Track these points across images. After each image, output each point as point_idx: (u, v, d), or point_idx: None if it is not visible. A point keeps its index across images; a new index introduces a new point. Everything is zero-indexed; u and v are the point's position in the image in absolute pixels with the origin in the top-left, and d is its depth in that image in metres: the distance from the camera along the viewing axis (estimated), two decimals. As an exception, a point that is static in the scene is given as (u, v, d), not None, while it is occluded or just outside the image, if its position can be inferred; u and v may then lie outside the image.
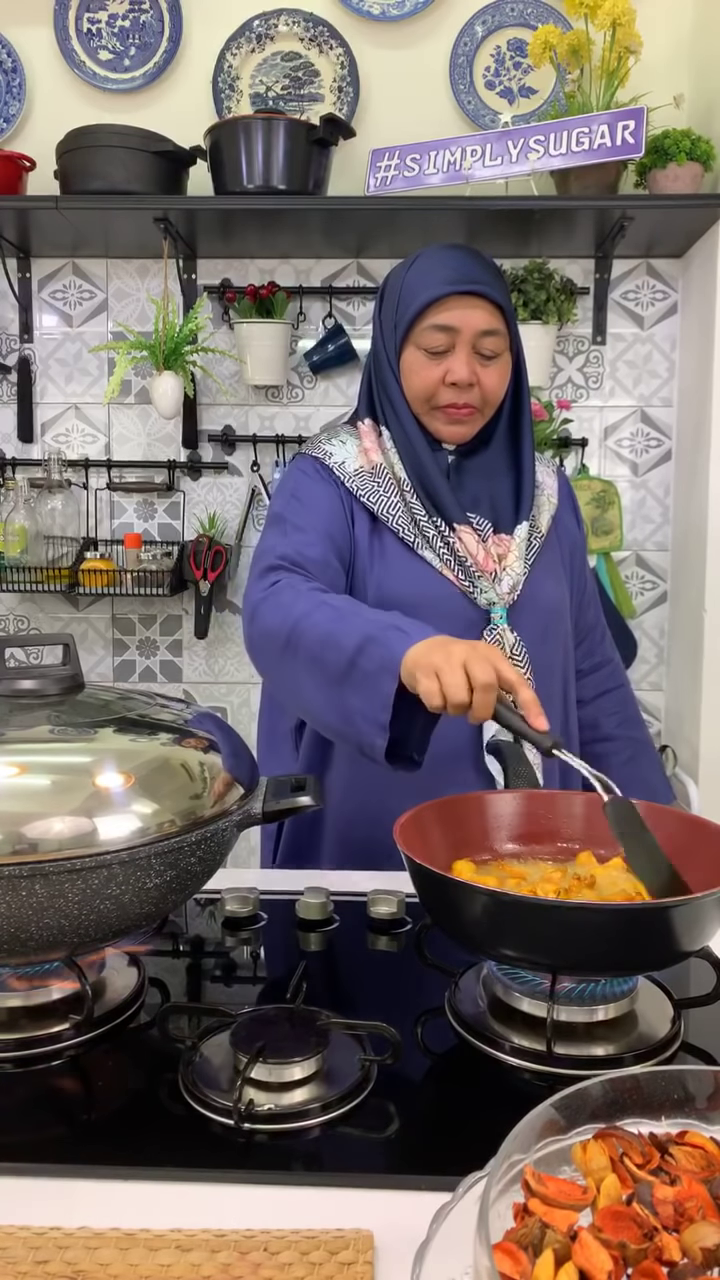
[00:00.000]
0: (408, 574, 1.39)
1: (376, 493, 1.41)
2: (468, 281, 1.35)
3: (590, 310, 2.57)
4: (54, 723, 0.92)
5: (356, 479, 1.42)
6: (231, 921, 1.13)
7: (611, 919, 0.82)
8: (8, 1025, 0.89)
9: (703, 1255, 0.51)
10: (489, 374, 1.39)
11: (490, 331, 1.36)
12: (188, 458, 2.65)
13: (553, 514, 1.50)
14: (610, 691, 1.60)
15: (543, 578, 1.45)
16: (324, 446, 1.47)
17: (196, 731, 0.98)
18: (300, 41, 2.49)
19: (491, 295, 1.36)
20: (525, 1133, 0.56)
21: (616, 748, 1.58)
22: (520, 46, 2.46)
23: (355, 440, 1.47)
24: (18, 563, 2.46)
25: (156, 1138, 0.77)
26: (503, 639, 1.37)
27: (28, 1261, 0.65)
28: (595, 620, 1.60)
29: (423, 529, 1.39)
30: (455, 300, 1.35)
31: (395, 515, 1.40)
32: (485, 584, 1.38)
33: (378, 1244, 0.67)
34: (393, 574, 1.39)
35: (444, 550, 1.38)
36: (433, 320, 1.36)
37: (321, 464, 1.44)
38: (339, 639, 1.14)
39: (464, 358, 1.36)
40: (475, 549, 1.39)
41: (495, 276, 1.39)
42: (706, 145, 2.26)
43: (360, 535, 1.42)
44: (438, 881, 0.88)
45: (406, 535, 1.39)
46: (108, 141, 2.27)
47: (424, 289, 1.37)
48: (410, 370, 1.40)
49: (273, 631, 1.22)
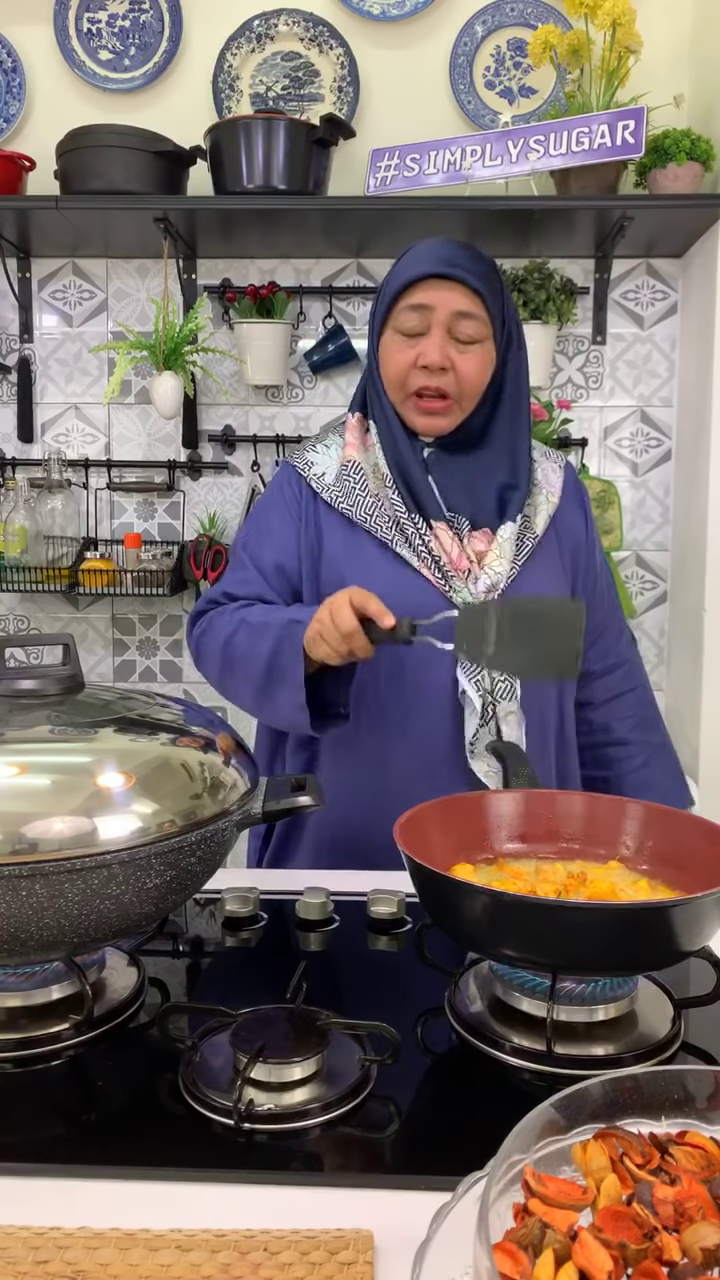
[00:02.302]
0: (385, 575, 1.39)
1: (352, 495, 1.42)
2: (444, 264, 1.35)
3: (590, 310, 2.57)
4: (54, 723, 0.92)
5: (334, 488, 1.44)
6: (231, 921, 1.13)
7: (611, 919, 0.82)
8: (8, 1025, 0.89)
9: (703, 1255, 0.51)
10: (465, 360, 1.36)
11: (466, 314, 1.35)
12: (188, 458, 2.65)
13: (551, 513, 1.47)
14: (625, 694, 1.55)
15: (534, 579, 1.42)
16: (307, 455, 1.50)
17: (196, 731, 0.98)
18: (300, 41, 2.49)
19: (468, 279, 1.35)
20: (525, 1133, 0.56)
21: (630, 752, 1.54)
22: (520, 46, 2.46)
23: (341, 441, 1.48)
24: (18, 563, 2.46)
25: (156, 1138, 0.77)
26: None
27: (28, 1261, 0.65)
28: (607, 621, 1.56)
29: (401, 526, 1.39)
30: (431, 282, 1.35)
31: (371, 516, 1.41)
32: (459, 583, 1.37)
33: (378, 1244, 0.67)
34: (371, 576, 1.39)
35: (421, 548, 1.38)
36: (407, 301, 1.37)
37: (297, 476, 1.47)
38: (257, 650, 1.33)
39: (437, 340, 1.35)
40: (450, 546, 1.38)
41: (478, 264, 1.38)
42: (706, 145, 2.26)
43: (335, 540, 1.43)
44: (438, 881, 0.88)
45: (384, 535, 1.40)
46: (108, 141, 2.27)
47: (403, 272, 1.38)
48: (386, 354, 1.40)
49: (210, 662, 1.44)
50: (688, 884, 0.95)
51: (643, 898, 0.96)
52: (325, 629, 1.24)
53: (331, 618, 1.22)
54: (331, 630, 1.23)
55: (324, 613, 1.24)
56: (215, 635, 1.42)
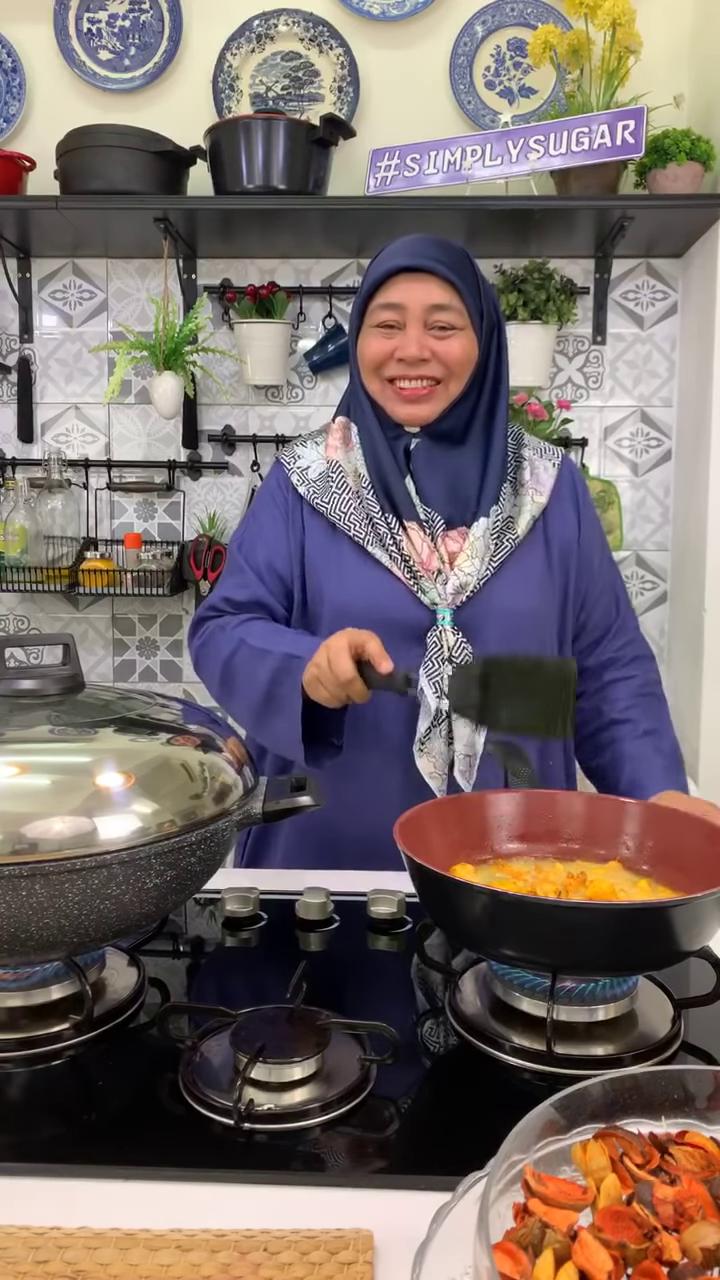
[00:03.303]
0: (360, 577, 1.39)
1: (331, 496, 1.42)
2: (414, 257, 1.35)
3: (590, 310, 2.57)
4: (54, 723, 0.92)
5: (316, 485, 1.44)
6: (231, 921, 1.13)
7: (611, 919, 0.82)
8: (8, 1025, 0.89)
9: (703, 1255, 0.51)
10: (446, 344, 1.36)
11: (441, 306, 1.35)
12: (188, 458, 2.65)
13: (536, 513, 1.43)
14: (618, 681, 1.50)
15: (511, 582, 1.39)
16: (296, 449, 1.50)
17: (196, 731, 0.98)
18: (300, 41, 2.49)
19: (439, 270, 1.34)
20: (525, 1133, 0.56)
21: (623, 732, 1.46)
22: (520, 46, 2.46)
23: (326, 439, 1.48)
24: (18, 563, 2.46)
25: (156, 1138, 0.77)
26: (442, 640, 1.35)
27: (28, 1261, 0.65)
28: (606, 620, 1.51)
29: (375, 526, 1.39)
30: (402, 277, 1.36)
31: (347, 516, 1.40)
32: (428, 583, 1.36)
33: (378, 1244, 0.66)
34: (347, 579, 1.40)
35: (392, 548, 1.38)
36: (381, 299, 1.37)
37: (284, 473, 1.48)
38: (256, 677, 1.33)
39: (414, 334, 1.35)
40: (420, 546, 1.37)
41: (449, 254, 1.37)
42: (706, 145, 2.26)
43: (316, 545, 1.43)
44: (438, 881, 0.88)
45: (359, 536, 1.39)
46: (108, 141, 2.27)
47: (375, 270, 1.39)
48: (364, 345, 1.40)
49: (209, 678, 1.45)
50: (688, 884, 0.95)
51: (643, 898, 0.96)
52: (324, 675, 1.24)
53: (330, 664, 1.22)
54: (330, 677, 1.23)
55: (322, 657, 1.24)
56: (215, 652, 1.43)
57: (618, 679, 1.50)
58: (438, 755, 1.36)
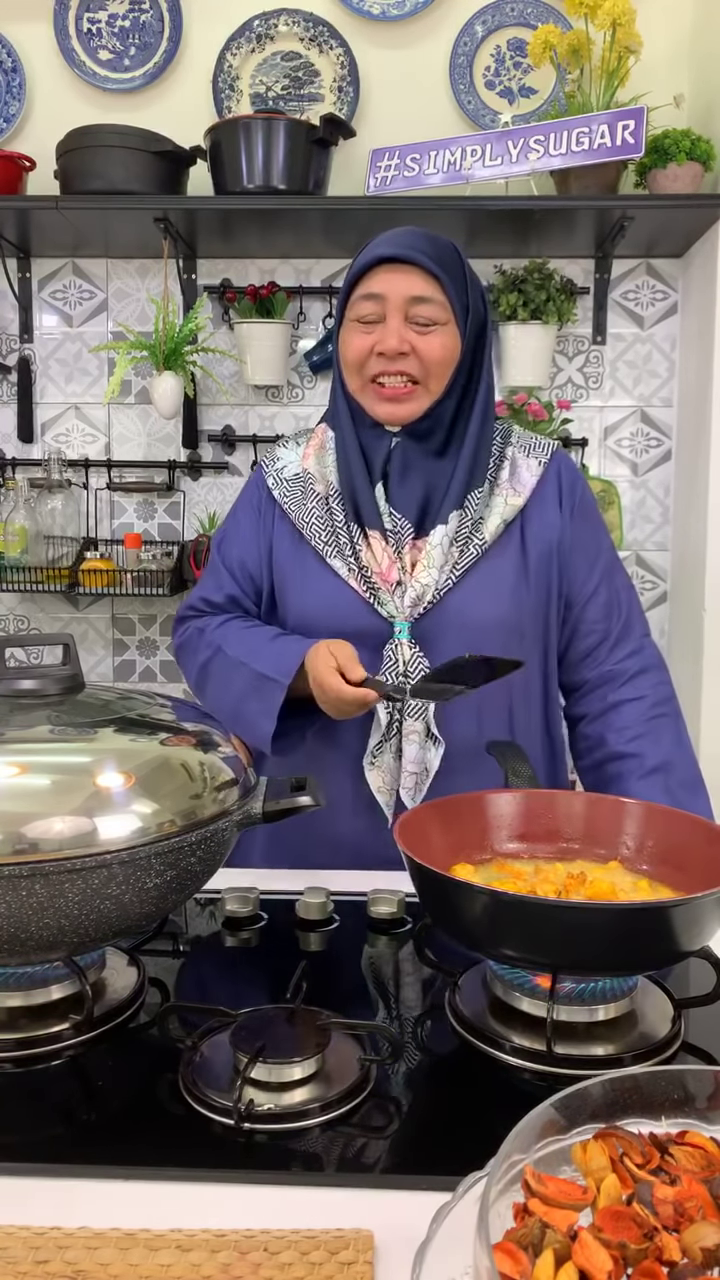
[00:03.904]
0: (320, 585, 1.37)
1: (299, 502, 1.41)
2: (397, 248, 1.32)
3: (590, 310, 2.57)
4: (54, 723, 0.92)
5: (289, 487, 1.43)
6: (231, 921, 1.13)
7: (611, 919, 0.82)
8: (8, 1025, 0.89)
9: (703, 1255, 0.51)
10: (426, 341, 1.32)
11: (422, 298, 1.31)
12: (188, 458, 2.65)
13: (508, 516, 1.36)
14: (623, 705, 1.39)
15: (476, 591, 1.33)
16: (278, 451, 1.49)
17: (197, 731, 0.98)
18: (300, 41, 2.49)
19: (422, 262, 1.31)
20: (525, 1133, 0.56)
21: (628, 767, 1.36)
22: (520, 46, 2.46)
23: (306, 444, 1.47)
24: (18, 563, 2.46)
25: (156, 1138, 0.77)
26: (398, 654, 1.32)
27: (28, 1261, 0.65)
28: (601, 627, 1.41)
29: (337, 535, 1.36)
30: (384, 268, 1.33)
31: (311, 524, 1.39)
32: (385, 595, 1.33)
33: (378, 1244, 0.66)
34: (309, 588, 1.38)
35: (352, 559, 1.35)
36: (362, 290, 1.34)
37: (263, 476, 1.47)
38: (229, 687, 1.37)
39: (393, 326, 1.32)
40: (381, 557, 1.34)
41: (433, 247, 1.33)
42: (706, 145, 2.26)
43: (282, 551, 1.43)
44: (438, 881, 0.88)
45: (319, 545, 1.38)
46: (108, 141, 2.27)
47: (358, 262, 1.36)
48: (345, 341, 1.37)
49: (187, 675, 1.48)
50: (688, 884, 0.95)
51: (643, 898, 0.96)
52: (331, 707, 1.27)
53: (337, 699, 1.25)
54: (346, 707, 1.26)
55: (320, 693, 1.27)
56: (193, 656, 1.45)
57: (624, 701, 1.39)
58: (388, 771, 1.33)
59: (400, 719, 1.33)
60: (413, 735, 1.32)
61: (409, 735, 1.32)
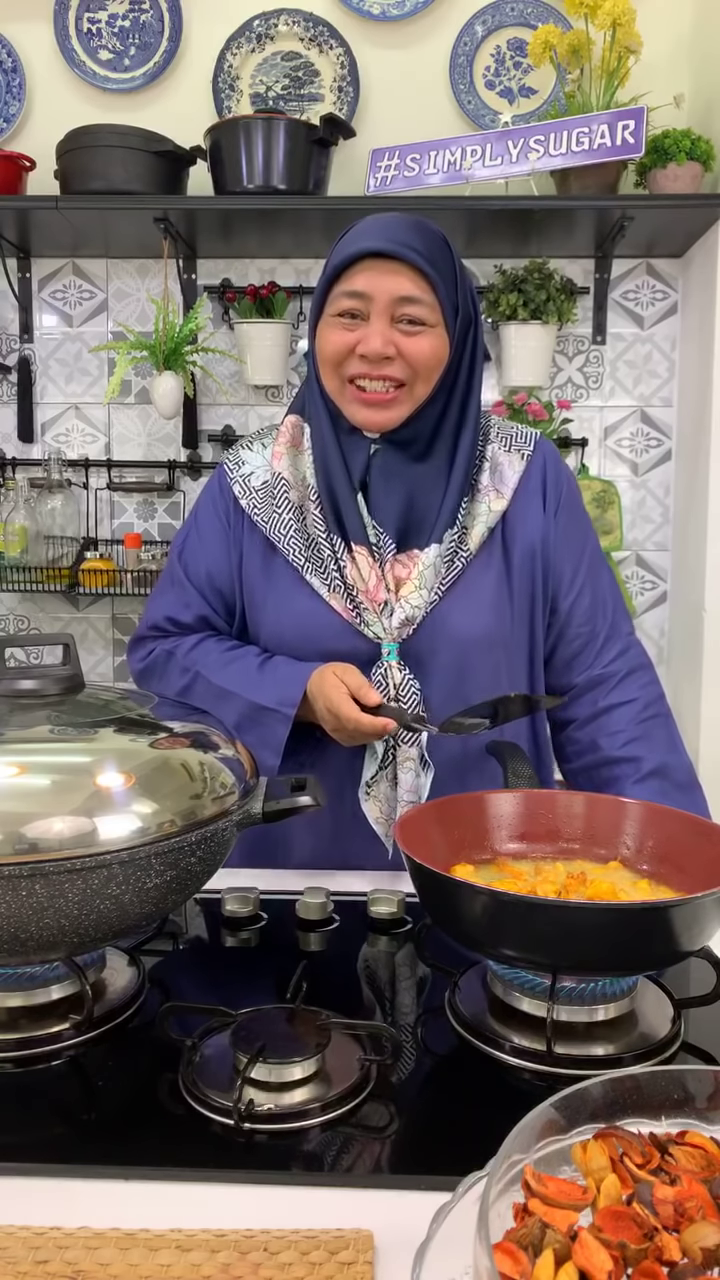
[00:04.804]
0: (295, 607, 1.28)
1: (271, 512, 1.29)
2: (387, 241, 1.19)
3: (590, 310, 2.57)
4: (54, 723, 0.92)
5: (258, 495, 1.32)
6: (231, 921, 1.13)
7: (611, 919, 0.82)
8: (8, 1025, 0.89)
9: (703, 1255, 0.51)
10: (414, 342, 1.21)
11: (411, 299, 1.20)
12: (188, 458, 2.65)
13: (492, 523, 1.28)
14: (615, 708, 1.33)
15: (461, 605, 1.27)
16: (240, 453, 1.37)
17: (196, 731, 0.98)
18: (300, 41, 2.49)
19: (412, 259, 1.19)
20: (525, 1133, 0.56)
21: (624, 771, 1.31)
22: (520, 46, 2.46)
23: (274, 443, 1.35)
24: (18, 563, 2.46)
25: (156, 1138, 0.77)
26: (387, 679, 1.25)
27: (28, 1261, 0.64)
28: (588, 627, 1.35)
29: (316, 550, 1.26)
30: (370, 263, 1.20)
31: (287, 537, 1.28)
32: (372, 616, 1.25)
33: (378, 1244, 0.66)
34: (283, 608, 1.29)
35: (335, 577, 1.26)
36: (345, 285, 1.22)
37: (227, 481, 1.36)
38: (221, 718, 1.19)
39: (378, 327, 1.20)
40: (367, 574, 1.24)
41: (426, 241, 1.22)
42: (706, 145, 2.27)
43: (253, 566, 1.33)
44: (438, 881, 0.88)
45: (296, 561, 1.27)
46: (108, 141, 2.27)
47: (341, 252, 1.23)
48: (323, 336, 1.25)
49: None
50: (688, 884, 0.95)
51: (643, 898, 0.96)
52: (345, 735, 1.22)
53: (355, 729, 1.19)
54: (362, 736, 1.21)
55: (334, 720, 1.20)
56: (163, 682, 1.35)
57: (615, 705, 1.34)
58: (385, 800, 1.28)
59: (396, 746, 1.26)
60: (408, 763, 1.26)
61: (404, 763, 1.26)
